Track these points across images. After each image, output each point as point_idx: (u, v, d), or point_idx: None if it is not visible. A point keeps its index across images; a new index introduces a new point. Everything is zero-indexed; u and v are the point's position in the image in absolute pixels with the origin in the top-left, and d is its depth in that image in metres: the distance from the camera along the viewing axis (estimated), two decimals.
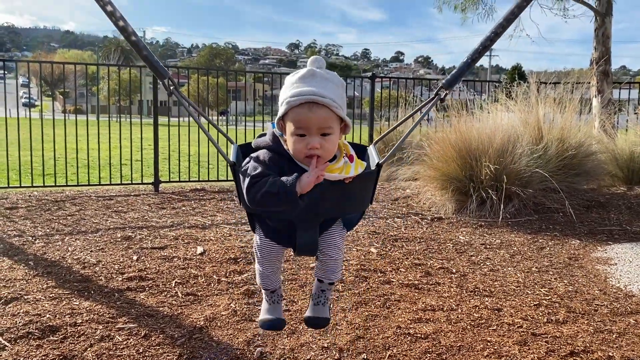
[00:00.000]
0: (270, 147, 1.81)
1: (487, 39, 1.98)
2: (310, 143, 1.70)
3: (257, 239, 1.97)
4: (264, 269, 2.01)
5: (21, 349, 2.57)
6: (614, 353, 2.67)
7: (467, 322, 3.01)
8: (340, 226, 1.98)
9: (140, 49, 1.93)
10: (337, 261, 2.00)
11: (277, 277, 2.07)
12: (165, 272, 3.74)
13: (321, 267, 2.03)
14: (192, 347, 2.65)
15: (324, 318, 2.10)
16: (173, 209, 5.97)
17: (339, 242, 1.97)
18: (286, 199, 1.66)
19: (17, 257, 4.01)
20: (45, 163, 7.36)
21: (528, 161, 5.74)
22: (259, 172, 1.72)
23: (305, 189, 1.67)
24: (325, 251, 1.95)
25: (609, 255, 4.49)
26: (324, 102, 1.70)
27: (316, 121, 1.70)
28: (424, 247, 4.60)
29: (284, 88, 1.79)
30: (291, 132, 1.73)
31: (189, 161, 8.24)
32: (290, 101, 1.71)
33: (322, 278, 2.06)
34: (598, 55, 8.99)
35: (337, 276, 2.07)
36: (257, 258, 2.01)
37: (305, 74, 1.75)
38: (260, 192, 1.68)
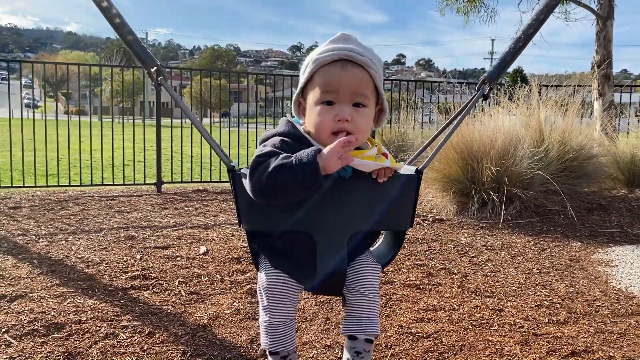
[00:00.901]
0: (283, 132, 1.45)
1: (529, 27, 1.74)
2: (340, 113, 1.36)
3: (262, 277, 1.53)
4: (273, 319, 1.51)
5: (26, 345, 2.59)
6: (615, 353, 2.68)
7: (468, 322, 3.03)
8: (373, 259, 1.58)
9: (125, 34, 1.68)
10: (372, 304, 1.53)
11: (291, 335, 1.56)
12: (169, 271, 3.77)
13: (352, 315, 1.56)
14: (195, 345, 2.67)
15: None
16: (176, 209, 6.00)
17: (372, 278, 1.53)
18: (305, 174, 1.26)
19: (21, 256, 4.03)
20: (48, 163, 7.39)
21: (529, 163, 5.76)
22: (268, 151, 1.35)
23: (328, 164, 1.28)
24: (356, 289, 1.51)
25: (610, 257, 4.50)
26: (361, 61, 1.38)
27: (350, 83, 1.36)
28: (426, 248, 4.62)
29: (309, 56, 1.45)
30: (316, 100, 1.38)
31: (191, 162, 8.26)
32: (319, 58, 1.38)
33: (356, 333, 1.56)
34: (599, 58, 9.02)
35: (376, 329, 1.55)
36: (262, 306, 1.53)
37: (338, 37, 1.45)
38: (269, 169, 1.29)
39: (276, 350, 1.55)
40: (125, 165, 8.83)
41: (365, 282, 1.51)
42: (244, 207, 1.49)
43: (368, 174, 1.43)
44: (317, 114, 1.37)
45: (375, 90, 1.43)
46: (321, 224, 1.40)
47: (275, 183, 1.28)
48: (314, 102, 1.39)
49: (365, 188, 1.43)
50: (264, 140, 1.48)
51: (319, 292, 1.53)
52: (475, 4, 10.83)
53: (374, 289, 1.52)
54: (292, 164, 1.27)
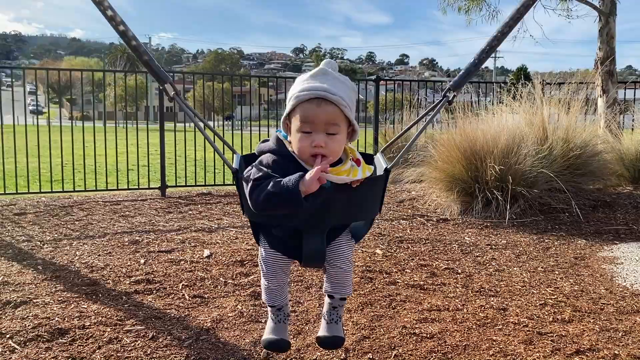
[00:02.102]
0: (274, 150, 1.77)
1: (494, 39, 1.96)
2: (316, 140, 1.67)
3: (261, 251, 1.91)
4: (270, 283, 1.93)
5: (30, 351, 2.60)
6: (620, 351, 2.67)
7: (472, 322, 3.02)
8: (349, 236, 1.93)
9: (141, 54, 1.91)
10: (346, 273, 1.92)
11: (283, 293, 1.98)
12: (172, 275, 3.77)
13: (330, 281, 1.95)
14: (199, 349, 2.68)
15: (339, 337, 2.01)
16: (180, 213, 6.01)
17: (347, 253, 1.90)
18: (289, 198, 1.60)
19: (26, 262, 4.05)
20: (53, 169, 7.42)
21: (533, 161, 5.74)
22: (261, 175, 1.67)
23: (308, 188, 1.61)
24: (333, 263, 1.88)
25: (616, 255, 4.48)
26: (332, 100, 1.67)
27: (323, 117, 1.66)
28: (430, 248, 4.61)
29: (293, 86, 1.76)
30: (297, 128, 1.69)
31: (195, 166, 8.28)
32: (299, 96, 1.68)
33: (333, 293, 1.97)
34: (603, 55, 8.97)
35: (348, 290, 1.97)
36: (262, 272, 1.93)
37: (317, 72, 1.73)
38: (263, 193, 1.63)
39: (272, 304, 1.97)
40: (129, 169, 8.85)
41: (341, 257, 1.88)
42: (246, 202, 1.77)
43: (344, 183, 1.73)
44: (298, 140, 1.70)
45: (347, 119, 1.72)
46: (307, 221, 1.73)
47: (267, 205, 1.64)
48: (296, 129, 1.70)
49: (341, 193, 1.71)
50: (260, 151, 1.81)
51: (306, 266, 1.99)
52: (477, 2, 10.81)
53: (348, 261, 1.90)
54: (280, 191, 1.60)
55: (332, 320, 2.02)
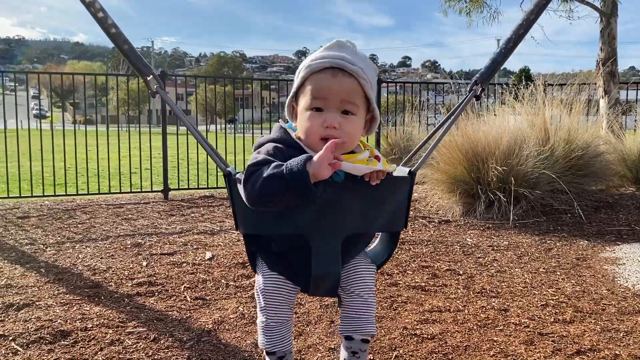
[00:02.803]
0: (276, 138, 1.47)
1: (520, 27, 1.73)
2: (328, 120, 1.38)
3: (259, 279, 1.58)
4: (271, 320, 1.55)
5: (33, 353, 2.61)
6: (621, 352, 2.66)
7: (473, 323, 3.02)
8: (368, 260, 1.61)
9: (121, 43, 1.70)
10: (369, 306, 1.55)
11: (287, 336, 1.58)
12: (174, 277, 3.79)
13: (348, 317, 1.57)
14: (200, 350, 2.68)
15: None
16: (182, 215, 6.03)
17: (368, 278, 1.57)
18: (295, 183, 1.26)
19: (29, 265, 4.07)
20: (56, 173, 7.45)
21: (535, 162, 5.74)
22: (260, 160, 1.37)
23: (317, 172, 1.28)
24: (352, 290, 1.54)
25: (618, 255, 4.47)
26: (351, 70, 1.39)
27: (339, 91, 1.38)
28: (431, 249, 4.61)
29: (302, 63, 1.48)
30: (305, 106, 1.40)
31: (197, 169, 8.30)
32: (311, 65, 1.40)
33: (352, 333, 1.57)
34: (604, 56, 8.97)
35: (372, 329, 1.58)
36: (259, 307, 1.57)
37: (332, 44, 1.46)
38: (261, 179, 1.31)
39: (273, 351, 1.57)
40: (132, 173, 8.88)
41: (361, 283, 1.54)
42: (240, 211, 1.51)
43: (361, 177, 1.44)
44: (306, 119, 1.40)
45: (366, 98, 1.44)
46: (315, 227, 1.41)
47: (267, 192, 1.30)
48: (304, 107, 1.41)
49: (358, 191, 1.43)
50: (258, 146, 1.50)
51: (315, 294, 1.55)
52: (478, 4, 10.82)
53: (369, 289, 1.55)
54: (283, 173, 1.28)
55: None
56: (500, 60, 1.74)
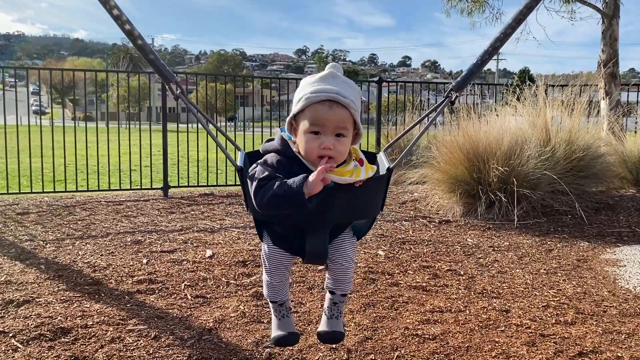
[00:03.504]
0: (279, 150, 1.78)
1: (497, 40, 1.96)
2: (325, 142, 1.68)
3: (264, 247, 1.93)
4: (272, 279, 1.96)
5: (33, 350, 2.60)
6: (623, 353, 2.66)
7: (475, 324, 3.02)
8: (350, 234, 1.94)
9: (147, 53, 1.93)
10: (348, 270, 1.94)
11: (285, 289, 2.03)
12: (175, 275, 3.78)
13: (332, 278, 1.98)
14: (201, 348, 2.68)
15: (339, 332, 2.03)
16: (182, 213, 6.01)
17: (349, 250, 1.92)
18: (293, 200, 1.61)
19: (29, 261, 4.05)
20: (56, 169, 7.43)
21: (536, 163, 5.73)
22: (266, 175, 1.68)
23: (312, 189, 1.62)
24: (335, 260, 1.90)
25: (618, 257, 4.47)
26: (344, 102, 1.68)
27: (334, 120, 1.68)
28: (432, 249, 4.61)
29: (300, 88, 1.77)
30: (305, 129, 1.70)
31: (197, 166, 8.29)
32: (310, 97, 1.69)
33: (334, 289, 2.00)
34: (605, 57, 8.96)
35: (349, 287, 2.00)
36: (264, 268, 1.96)
37: (326, 75, 1.74)
38: (267, 195, 1.64)
39: (274, 300, 2.01)
40: (132, 170, 8.87)
41: (344, 254, 1.90)
42: (250, 200, 1.77)
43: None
44: (306, 141, 1.70)
45: (354, 122, 1.74)
46: (310, 220, 1.73)
47: (272, 206, 1.65)
48: (304, 130, 1.70)
49: (344, 192, 1.71)
50: (265, 151, 1.83)
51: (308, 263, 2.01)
52: (480, 4, 10.79)
53: (349, 258, 1.92)
54: (285, 192, 1.61)
55: (332, 315, 2.05)
56: (475, 71, 2.00)
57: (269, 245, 1.91)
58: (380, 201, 1.87)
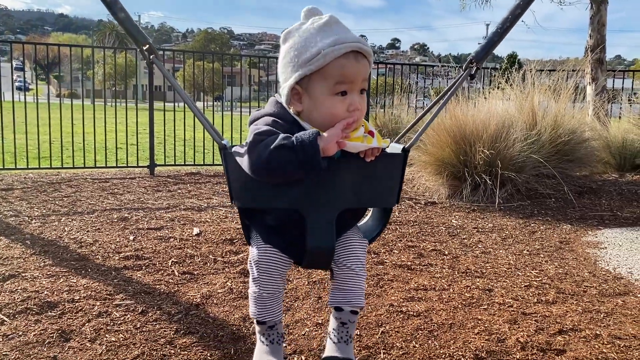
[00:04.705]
0: (274, 113, 1.47)
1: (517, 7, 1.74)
2: (354, 102, 1.41)
3: (253, 251, 1.59)
4: (262, 291, 1.59)
5: (20, 323, 2.61)
6: (602, 332, 2.73)
7: (458, 302, 3.07)
8: (360, 235, 1.64)
9: (117, 11, 1.67)
10: (359, 278, 1.59)
11: (278, 306, 1.62)
12: (162, 252, 3.78)
13: (339, 289, 1.62)
14: (188, 323, 2.70)
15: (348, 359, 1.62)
16: (169, 191, 6.00)
17: (360, 252, 1.59)
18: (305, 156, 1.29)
19: (14, 237, 4.03)
20: (41, 146, 7.35)
21: (522, 147, 5.79)
22: (266, 130, 1.37)
23: (327, 147, 1.34)
24: (344, 263, 1.57)
25: (600, 240, 4.56)
26: (368, 52, 1.43)
27: (363, 74, 1.43)
28: (417, 230, 4.66)
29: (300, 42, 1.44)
30: (329, 91, 1.41)
31: (184, 145, 8.24)
32: (331, 50, 1.37)
33: (342, 304, 1.62)
34: (593, 43, 9.02)
35: (361, 301, 1.62)
36: (252, 276, 1.60)
37: (330, 21, 1.44)
38: (269, 148, 1.31)
39: (264, 320, 1.61)
40: (118, 148, 8.80)
41: (352, 257, 1.56)
42: (235, 184, 1.52)
43: (356, 153, 1.48)
44: (331, 105, 1.40)
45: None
46: (310, 202, 1.44)
47: (275, 162, 1.31)
48: (328, 92, 1.41)
49: (353, 167, 1.47)
50: (254, 119, 1.50)
51: (308, 267, 1.59)
52: None
53: (360, 263, 1.58)
54: (293, 144, 1.30)
55: (341, 339, 1.65)
56: (496, 40, 1.75)
57: (258, 245, 1.57)
58: (395, 189, 1.59)
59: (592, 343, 2.61)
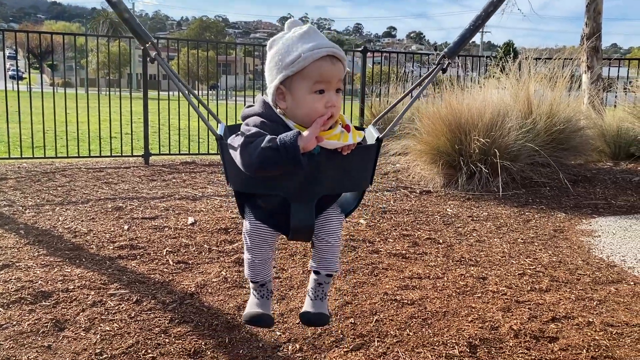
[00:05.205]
0: (261, 113, 1.69)
1: (490, 4, 1.87)
2: (331, 100, 1.62)
3: (246, 224, 1.84)
4: (254, 257, 1.86)
5: (14, 313, 2.61)
6: (594, 319, 2.75)
7: (452, 290, 3.08)
8: (338, 211, 1.87)
9: (122, 11, 1.81)
10: (334, 248, 1.86)
11: (268, 269, 1.92)
12: (157, 241, 3.78)
13: (318, 257, 1.89)
14: (183, 312, 2.70)
15: (324, 315, 1.92)
16: (163, 181, 5.98)
17: (336, 227, 1.84)
18: (287, 155, 1.51)
19: (8, 226, 4.02)
20: (34, 135, 7.31)
21: (517, 135, 5.79)
22: (254, 132, 1.59)
23: (307, 145, 1.55)
24: (322, 237, 1.82)
25: (594, 228, 4.58)
26: (341, 57, 1.64)
27: (337, 75, 1.63)
28: (412, 219, 4.66)
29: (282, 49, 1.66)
30: (309, 90, 1.62)
31: (179, 135, 8.21)
32: (310, 55, 1.60)
33: (319, 269, 1.90)
34: (589, 31, 8.99)
35: (335, 267, 1.90)
36: (246, 245, 1.86)
37: (309, 31, 1.66)
38: (258, 150, 1.53)
39: (256, 280, 1.91)
40: (112, 137, 8.76)
41: (330, 231, 1.82)
42: (231, 171, 1.72)
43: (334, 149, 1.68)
44: (311, 102, 1.62)
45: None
46: (294, 190, 1.67)
47: (262, 162, 1.54)
48: (307, 91, 1.62)
49: (331, 160, 1.66)
50: (245, 116, 1.73)
51: (293, 240, 1.84)
52: None
53: (336, 235, 1.84)
54: (277, 146, 1.52)
55: (317, 297, 1.95)
56: (468, 36, 1.91)
57: (251, 221, 1.82)
58: (369, 174, 1.82)
59: (584, 330, 2.63)
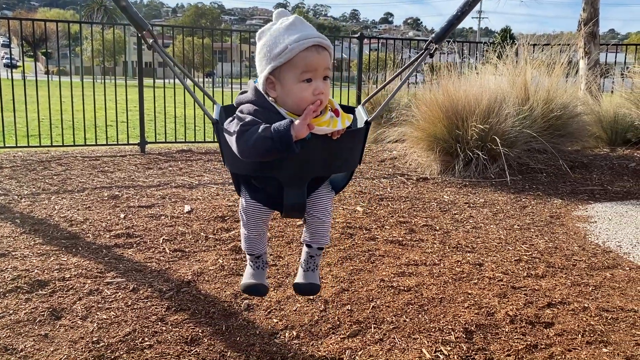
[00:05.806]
0: (254, 101, 1.74)
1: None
2: (318, 87, 1.68)
3: (242, 201, 1.93)
4: (250, 233, 1.97)
5: (10, 302, 2.60)
6: (590, 304, 2.76)
7: (449, 276, 3.09)
8: (329, 188, 1.96)
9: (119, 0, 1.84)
10: (325, 224, 1.97)
11: (262, 242, 2.05)
12: (153, 230, 3.77)
13: (309, 231, 2.00)
14: (180, 300, 2.71)
15: (315, 284, 2.06)
16: (160, 169, 5.97)
17: (327, 204, 1.94)
18: (281, 143, 1.58)
19: (3, 216, 4.01)
20: (30, 124, 7.26)
21: (514, 121, 5.78)
22: (249, 120, 1.66)
23: (299, 133, 1.61)
24: (313, 213, 1.92)
25: (590, 214, 4.59)
26: (327, 45, 1.70)
27: (323, 64, 1.69)
28: (409, 206, 4.67)
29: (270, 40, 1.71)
30: (296, 79, 1.68)
31: (175, 122, 8.18)
32: (296, 45, 1.66)
33: (311, 243, 2.02)
34: (586, 16, 8.95)
35: (325, 240, 2.03)
36: (242, 221, 1.97)
37: (295, 22, 1.71)
38: (253, 138, 1.61)
39: (252, 252, 2.04)
40: (108, 125, 8.72)
41: (321, 208, 1.92)
42: (227, 154, 1.78)
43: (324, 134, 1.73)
44: (299, 91, 1.68)
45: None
46: (287, 173, 1.74)
47: (257, 150, 1.61)
48: (295, 80, 1.68)
49: (322, 145, 1.71)
50: (239, 103, 1.79)
51: (286, 217, 2.02)
52: None
53: (327, 212, 1.95)
54: (271, 134, 1.58)
55: (308, 268, 2.07)
56: (455, 22, 1.96)
57: (246, 199, 1.91)
58: (358, 155, 1.88)
59: (580, 316, 2.64)
